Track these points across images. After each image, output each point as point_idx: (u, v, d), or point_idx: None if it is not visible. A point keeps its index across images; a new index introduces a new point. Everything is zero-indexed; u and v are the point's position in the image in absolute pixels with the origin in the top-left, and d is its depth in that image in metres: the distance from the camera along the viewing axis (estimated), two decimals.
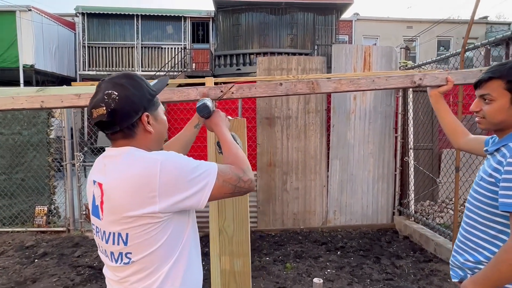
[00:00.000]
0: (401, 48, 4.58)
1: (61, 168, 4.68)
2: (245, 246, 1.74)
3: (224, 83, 4.50)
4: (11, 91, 2.49)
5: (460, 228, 1.35)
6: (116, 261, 0.98)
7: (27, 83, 12.58)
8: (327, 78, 3.15)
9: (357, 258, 3.66)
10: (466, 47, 3.08)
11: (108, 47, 14.07)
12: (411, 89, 4.38)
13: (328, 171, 4.62)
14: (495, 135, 1.29)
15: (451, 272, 1.37)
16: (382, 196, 4.67)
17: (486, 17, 18.32)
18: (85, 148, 4.90)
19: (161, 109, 1.11)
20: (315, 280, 1.59)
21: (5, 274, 3.32)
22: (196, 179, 0.95)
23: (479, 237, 1.23)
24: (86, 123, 4.95)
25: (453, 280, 1.35)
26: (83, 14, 13.94)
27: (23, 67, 12.06)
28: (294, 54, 13.28)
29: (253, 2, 13.64)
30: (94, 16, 14.07)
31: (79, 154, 4.51)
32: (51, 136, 4.64)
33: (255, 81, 4.25)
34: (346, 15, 15.63)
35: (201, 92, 1.63)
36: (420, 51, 17.21)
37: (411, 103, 4.45)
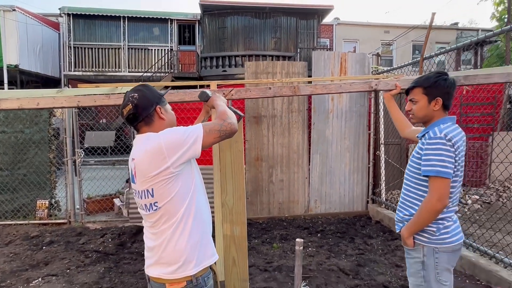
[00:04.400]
0: (373, 54, 5.15)
1: (62, 164, 4.97)
2: (242, 216, 2.20)
3: (224, 85, 4.92)
4: (37, 92, 2.86)
5: (401, 193, 1.86)
6: (149, 210, 1.43)
7: (11, 83, 12.54)
8: (307, 82, 3.66)
9: (334, 239, 4.18)
10: (436, 52, 3.66)
11: (95, 48, 14.17)
12: (381, 91, 4.96)
13: (309, 164, 5.13)
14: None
15: (395, 226, 1.87)
16: (357, 187, 5.23)
17: (456, 23, 19.54)
18: (85, 145, 5.21)
19: (168, 106, 1.57)
20: (298, 239, 2.06)
21: (18, 259, 3.64)
22: (189, 136, 1.36)
23: (411, 197, 1.74)
24: (77, 125, 5.13)
25: (397, 231, 1.86)
26: (68, 14, 13.97)
27: (7, 67, 12.05)
28: (278, 56, 13.82)
29: (238, 6, 14.09)
30: (79, 17, 14.12)
31: (80, 151, 4.84)
32: (51, 134, 4.94)
33: (243, 84, 4.72)
34: (327, 19, 16.34)
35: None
36: (397, 54, 18.17)
37: (381, 104, 5.03)
